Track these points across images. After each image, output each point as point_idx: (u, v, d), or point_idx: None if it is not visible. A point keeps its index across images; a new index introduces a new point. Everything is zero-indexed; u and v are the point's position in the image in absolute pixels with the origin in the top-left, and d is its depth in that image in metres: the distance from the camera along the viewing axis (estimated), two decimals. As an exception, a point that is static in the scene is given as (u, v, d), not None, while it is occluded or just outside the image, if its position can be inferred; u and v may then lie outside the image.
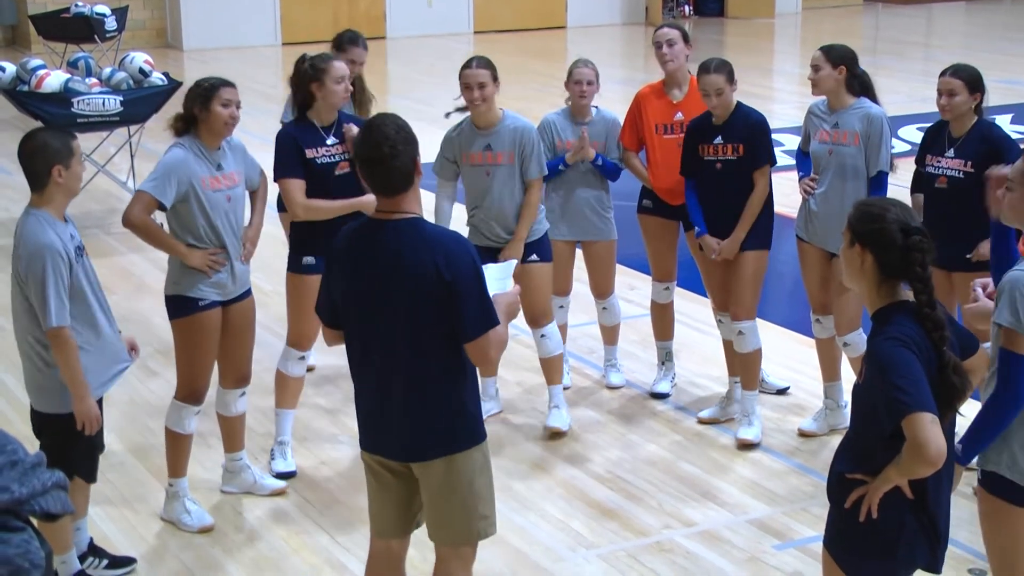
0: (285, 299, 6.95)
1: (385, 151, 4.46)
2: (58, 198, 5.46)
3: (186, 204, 6.10)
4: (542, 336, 7.33)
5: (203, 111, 6.11)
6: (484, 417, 7.50)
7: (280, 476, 6.77)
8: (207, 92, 6.11)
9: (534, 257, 7.22)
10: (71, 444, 5.50)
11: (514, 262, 5.06)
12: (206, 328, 6.21)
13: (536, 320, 7.32)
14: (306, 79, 6.67)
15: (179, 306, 6.20)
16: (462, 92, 7.08)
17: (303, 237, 6.72)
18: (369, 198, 6.75)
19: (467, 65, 7.08)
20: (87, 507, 5.93)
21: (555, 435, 7.33)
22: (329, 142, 6.71)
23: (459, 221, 7.19)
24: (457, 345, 4.54)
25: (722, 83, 6.95)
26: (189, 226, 6.13)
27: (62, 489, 2.19)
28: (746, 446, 7.10)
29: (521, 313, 7.48)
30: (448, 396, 4.61)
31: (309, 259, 6.67)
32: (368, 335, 4.60)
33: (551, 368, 7.39)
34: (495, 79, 7.06)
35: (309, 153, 6.62)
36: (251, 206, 6.55)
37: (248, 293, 6.38)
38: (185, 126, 6.18)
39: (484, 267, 4.72)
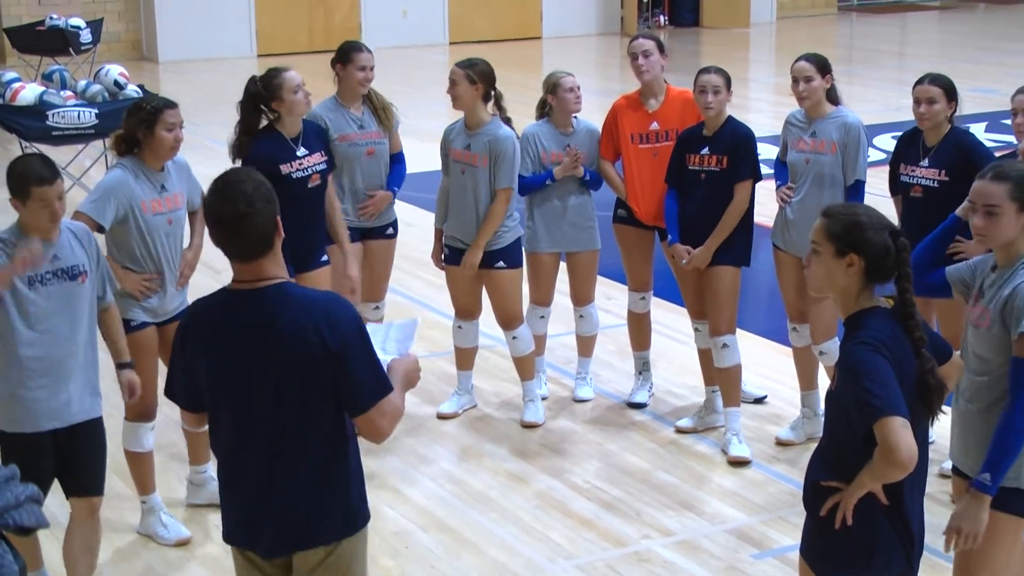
0: None
1: (241, 209, 3.90)
2: (23, 220, 5.25)
3: (124, 226, 6.02)
4: (513, 338, 7.57)
5: (147, 135, 6.00)
6: (459, 412, 7.73)
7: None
8: (150, 116, 5.99)
9: (501, 264, 7.41)
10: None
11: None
12: (141, 347, 6.10)
13: (507, 324, 7.56)
14: (264, 100, 6.73)
15: None
16: None
17: None
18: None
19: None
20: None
21: (530, 428, 7.57)
22: (300, 153, 6.74)
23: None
24: (340, 420, 4.07)
25: (720, 83, 6.98)
26: (126, 248, 6.04)
27: (36, 503, 2.17)
28: (739, 463, 7.08)
29: (494, 319, 7.65)
30: (334, 477, 4.10)
31: None
32: (241, 417, 4.06)
33: (524, 365, 7.64)
34: (471, 81, 7.24)
35: (284, 169, 6.65)
36: (191, 227, 6.44)
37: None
38: (128, 147, 6.08)
39: (387, 325, 4.37)
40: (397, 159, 7.73)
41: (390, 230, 7.70)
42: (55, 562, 5.91)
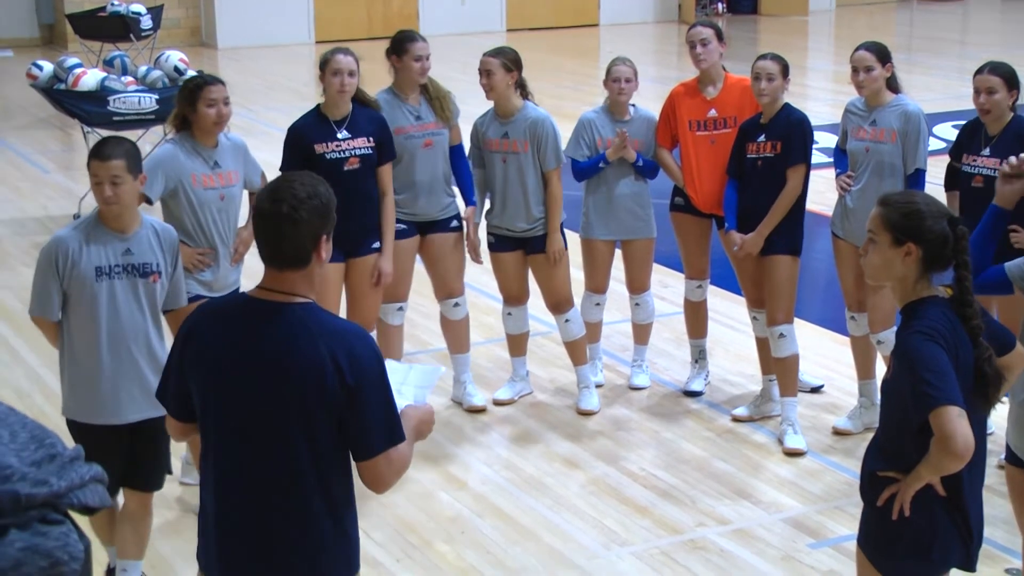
0: None
1: (283, 210, 3.60)
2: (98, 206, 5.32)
3: (175, 200, 6.18)
4: (566, 321, 7.59)
5: (191, 111, 6.20)
6: (515, 398, 7.77)
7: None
8: (191, 93, 6.18)
9: None
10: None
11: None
12: None
13: (558, 307, 7.58)
14: None
15: None
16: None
17: None
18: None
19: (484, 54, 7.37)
20: None
21: (585, 415, 7.56)
22: (340, 136, 6.78)
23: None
24: (346, 460, 3.76)
25: (775, 70, 6.96)
26: (179, 222, 6.13)
27: (100, 483, 2.19)
28: (794, 454, 7.05)
29: (544, 304, 7.66)
30: (340, 522, 3.80)
31: None
32: (239, 438, 3.72)
33: (576, 350, 7.64)
34: (507, 69, 7.24)
35: (318, 148, 6.74)
36: (250, 206, 6.51)
37: (237, 292, 6.37)
38: (182, 124, 6.28)
39: (408, 367, 4.11)
40: (458, 156, 7.50)
41: (454, 223, 7.48)
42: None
